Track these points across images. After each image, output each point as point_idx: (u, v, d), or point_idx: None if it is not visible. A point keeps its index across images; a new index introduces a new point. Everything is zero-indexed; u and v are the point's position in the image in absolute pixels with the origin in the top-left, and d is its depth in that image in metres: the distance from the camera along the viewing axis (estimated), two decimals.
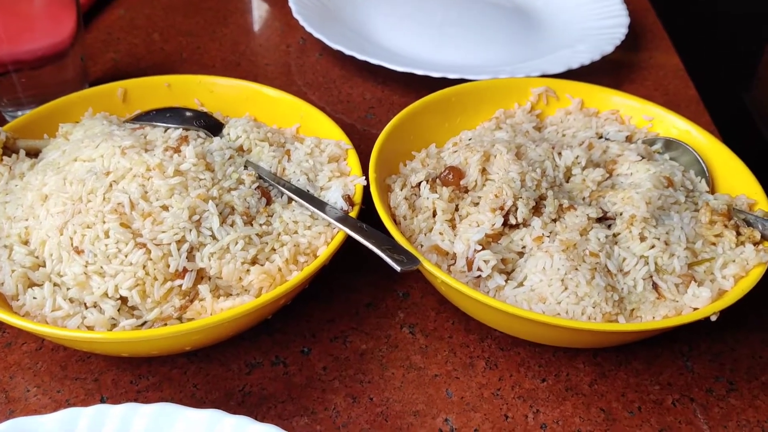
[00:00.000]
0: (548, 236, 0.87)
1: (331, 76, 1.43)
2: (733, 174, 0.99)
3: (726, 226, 0.89)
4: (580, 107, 1.15)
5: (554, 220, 0.89)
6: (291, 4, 1.48)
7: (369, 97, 1.37)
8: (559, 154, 0.98)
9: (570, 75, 1.27)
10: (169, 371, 0.87)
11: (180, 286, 0.80)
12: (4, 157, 0.94)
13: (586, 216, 0.89)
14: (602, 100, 1.15)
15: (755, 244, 0.88)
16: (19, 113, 1.20)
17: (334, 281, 0.97)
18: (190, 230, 0.81)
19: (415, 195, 0.96)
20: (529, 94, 1.16)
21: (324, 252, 0.84)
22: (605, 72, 1.44)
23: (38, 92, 1.18)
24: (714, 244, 0.87)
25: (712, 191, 1.00)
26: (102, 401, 0.83)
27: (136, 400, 0.83)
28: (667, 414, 0.85)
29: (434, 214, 0.93)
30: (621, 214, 0.90)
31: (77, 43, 1.19)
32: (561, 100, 1.17)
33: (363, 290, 0.98)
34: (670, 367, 0.90)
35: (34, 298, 0.80)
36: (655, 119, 1.10)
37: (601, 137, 1.10)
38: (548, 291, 0.82)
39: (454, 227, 0.92)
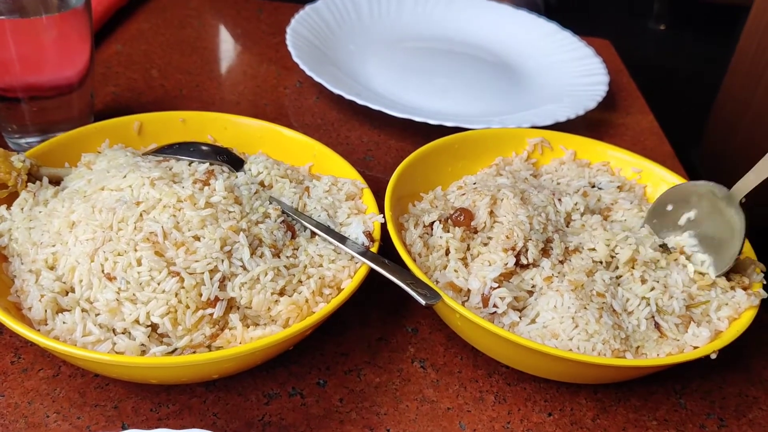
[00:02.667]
0: (557, 276, 0.92)
1: (329, 119, 1.48)
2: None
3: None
4: (573, 158, 1.22)
5: (561, 262, 0.95)
6: (290, 48, 1.53)
7: (367, 140, 1.42)
8: (559, 200, 1.04)
9: (556, 128, 1.35)
10: (188, 400, 0.88)
11: (211, 314, 0.82)
12: (28, 184, 0.95)
13: (591, 259, 0.95)
14: (594, 152, 1.23)
15: (744, 288, 0.95)
16: (23, 141, 1.21)
17: (346, 316, 1.00)
18: (222, 261, 0.83)
19: (428, 234, 1.00)
20: (525, 143, 1.23)
21: (348, 285, 0.87)
22: (587, 128, 1.53)
23: (46, 121, 1.19)
24: (709, 287, 0.94)
25: None
26: (123, 429, 0.84)
27: (157, 428, 0.84)
28: None
29: (447, 252, 0.98)
30: (616, 256, 0.96)
31: (89, 76, 1.21)
32: (555, 150, 1.24)
33: (374, 325, 1.01)
34: (665, 404, 0.96)
35: (64, 323, 0.80)
36: (644, 171, 1.18)
37: (593, 186, 1.17)
38: (560, 328, 0.87)
39: (466, 265, 0.97)
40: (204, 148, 1.04)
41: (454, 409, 0.91)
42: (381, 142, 1.42)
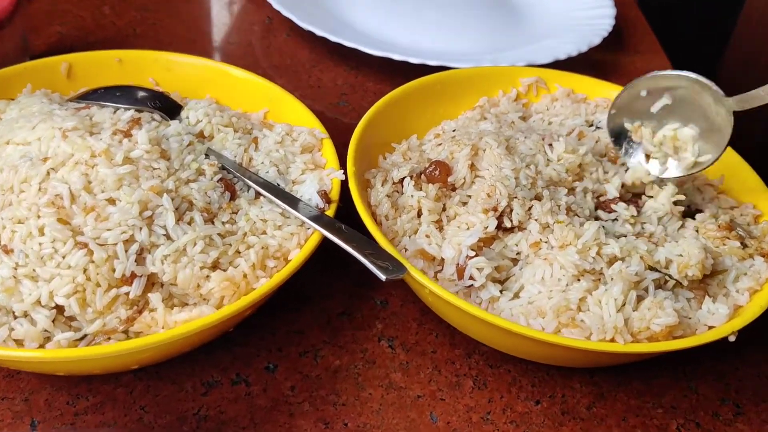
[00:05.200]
0: (546, 241, 0.78)
1: (300, 59, 1.31)
2: (740, 181, 0.92)
3: (728, 238, 0.81)
4: (567, 93, 1.06)
5: (550, 225, 0.80)
6: None
7: (341, 83, 1.26)
8: (550, 145, 0.89)
9: (555, 67, 1.18)
10: (112, 390, 0.75)
11: (127, 294, 0.68)
12: None
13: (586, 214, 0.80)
14: (597, 92, 1.06)
15: (763, 255, 0.81)
16: None
17: (302, 287, 0.87)
18: (141, 228, 0.69)
19: (398, 192, 0.86)
20: (515, 83, 1.07)
21: (297, 256, 0.73)
22: (590, 68, 1.35)
23: None
24: (719, 255, 0.79)
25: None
26: (32, 426, 0.71)
27: (73, 425, 0.72)
28: None
29: (419, 214, 0.83)
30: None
31: (17, 12, 1.06)
32: (551, 91, 1.08)
33: (335, 297, 0.88)
34: (673, 388, 0.82)
35: None
36: None
37: (591, 125, 1.01)
38: (548, 305, 0.72)
39: (441, 229, 0.82)
40: (136, 92, 0.89)
41: (425, 397, 0.78)
42: (357, 84, 1.26)
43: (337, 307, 0.87)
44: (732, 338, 0.71)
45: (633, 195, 0.87)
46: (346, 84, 1.26)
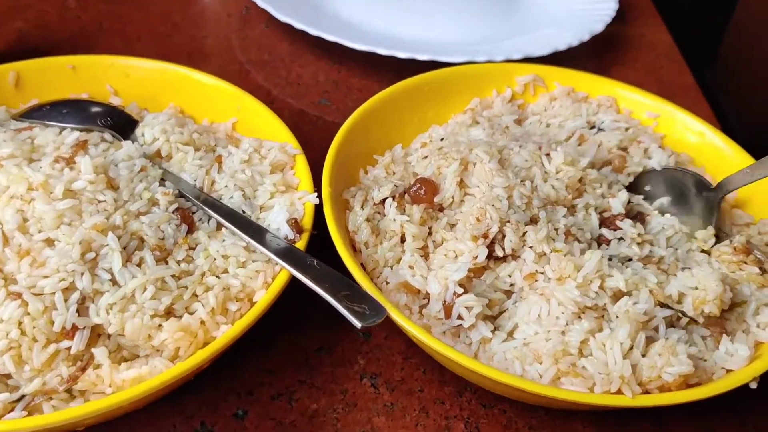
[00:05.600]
0: (542, 272, 0.69)
1: (279, 53, 1.22)
2: (758, 192, 0.83)
3: (746, 262, 0.73)
4: (567, 92, 0.97)
5: (545, 254, 0.71)
6: None
7: (323, 79, 1.17)
8: (548, 155, 0.80)
9: (555, 58, 1.09)
10: None
11: (68, 348, 0.60)
12: None
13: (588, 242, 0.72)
14: (600, 90, 0.97)
15: None
16: None
17: (275, 317, 0.78)
18: (82, 274, 0.61)
19: (380, 214, 0.77)
20: (510, 82, 0.98)
21: (263, 298, 0.65)
22: (590, 54, 1.27)
23: None
24: (736, 283, 0.71)
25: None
26: None
27: None
28: None
29: (403, 240, 0.75)
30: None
31: None
32: (549, 89, 0.99)
33: (312, 331, 0.79)
34: (685, 426, 0.75)
35: None
36: (662, 117, 0.93)
37: (593, 128, 0.92)
38: (545, 348, 0.64)
39: (427, 256, 0.74)
40: (86, 108, 0.80)
41: None
42: (340, 81, 1.17)
43: (314, 341, 0.79)
44: (753, 385, 0.63)
45: (638, 213, 0.79)
46: (329, 80, 1.17)
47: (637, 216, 0.79)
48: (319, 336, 0.79)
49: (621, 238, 0.75)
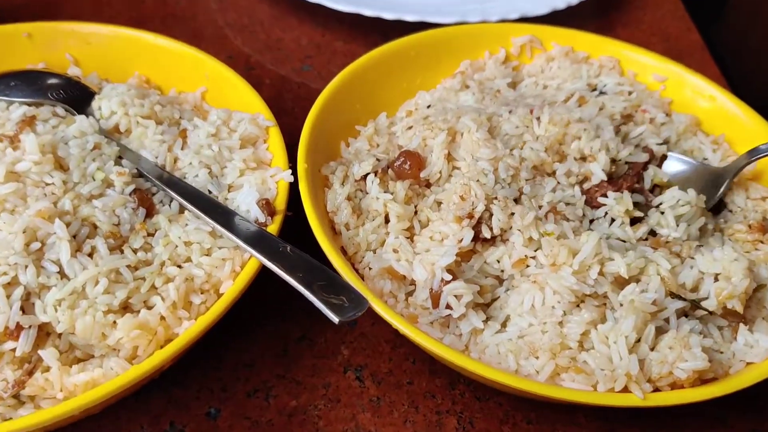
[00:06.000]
0: (534, 257, 0.62)
1: (259, 16, 1.14)
2: None
3: (762, 241, 0.66)
4: (565, 52, 0.89)
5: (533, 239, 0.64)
6: None
7: (305, 43, 1.09)
8: (538, 119, 0.73)
9: (553, 18, 1.01)
10: None
11: (13, 350, 0.54)
12: None
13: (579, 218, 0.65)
14: (601, 50, 0.90)
15: None
16: None
17: (252, 306, 0.72)
18: (26, 267, 0.55)
19: (362, 192, 0.70)
20: (505, 42, 0.90)
21: (230, 290, 0.59)
22: (591, 13, 1.18)
23: None
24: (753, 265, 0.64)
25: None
26: None
27: None
28: None
29: (387, 220, 0.68)
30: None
31: None
32: (547, 50, 0.91)
33: (293, 318, 0.73)
34: (698, 418, 0.69)
35: None
36: (670, 80, 0.86)
37: (594, 89, 0.85)
38: (541, 341, 0.58)
39: (412, 237, 0.67)
40: (39, 79, 0.72)
41: None
42: (324, 45, 1.09)
43: (294, 331, 0.73)
44: None
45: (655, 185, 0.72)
46: (311, 44, 1.09)
47: (653, 190, 0.72)
48: (299, 325, 0.73)
49: (613, 220, 0.68)
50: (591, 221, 0.67)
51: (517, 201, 0.65)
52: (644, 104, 0.82)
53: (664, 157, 0.74)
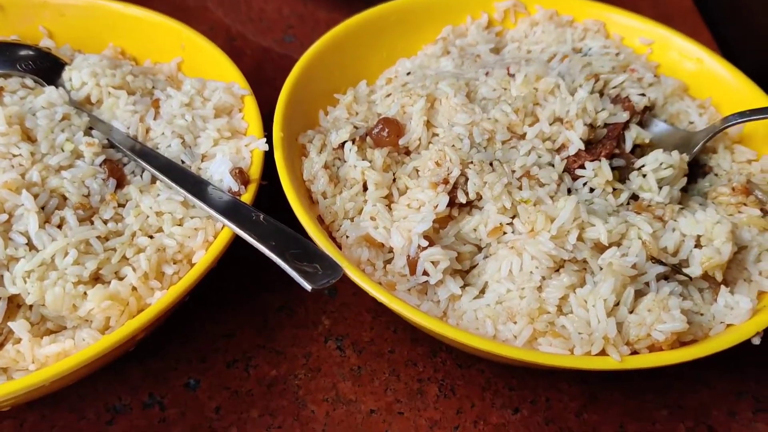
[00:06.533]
0: (510, 224, 0.61)
1: None
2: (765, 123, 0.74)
3: (745, 204, 0.65)
4: (549, 16, 0.87)
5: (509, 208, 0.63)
6: None
7: (287, 12, 1.08)
8: (513, 76, 0.72)
9: None
10: None
11: None
12: None
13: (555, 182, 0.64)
14: (585, 14, 0.88)
15: None
16: None
17: (230, 277, 0.72)
18: None
19: (339, 160, 0.69)
20: (489, 7, 0.89)
21: (202, 259, 0.58)
22: None
23: None
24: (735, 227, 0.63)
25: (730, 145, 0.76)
26: None
27: None
28: None
29: (365, 189, 0.67)
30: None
31: None
32: (531, 14, 0.89)
33: (273, 288, 0.73)
34: (679, 381, 0.69)
35: None
36: (657, 43, 0.84)
37: (579, 52, 0.84)
38: (519, 306, 0.57)
39: (391, 205, 0.67)
40: (7, 50, 0.71)
41: (380, 412, 0.65)
42: (306, 14, 1.07)
43: (274, 301, 0.72)
44: (756, 341, 0.56)
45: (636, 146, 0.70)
46: (293, 14, 1.07)
47: (634, 150, 0.70)
48: (280, 294, 0.72)
49: (592, 189, 0.67)
50: (569, 191, 0.65)
51: (492, 165, 0.64)
52: (633, 64, 0.81)
53: (646, 110, 0.71)
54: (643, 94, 0.71)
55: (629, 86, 0.72)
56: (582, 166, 0.65)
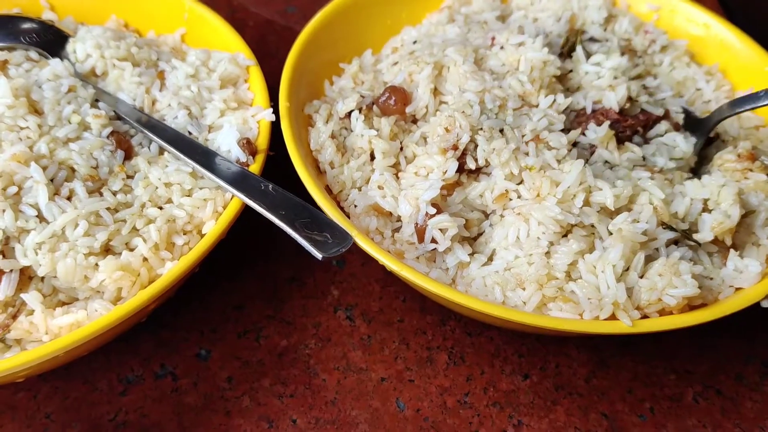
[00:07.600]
0: (515, 190, 0.61)
1: None
2: None
3: (751, 170, 0.65)
4: None
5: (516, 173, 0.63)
6: None
7: None
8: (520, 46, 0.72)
9: None
10: (11, 396, 0.63)
11: None
12: None
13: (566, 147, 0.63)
14: None
15: None
16: None
17: (241, 248, 0.72)
18: (3, 211, 0.54)
19: (346, 129, 0.69)
20: None
21: (212, 230, 0.58)
22: None
23: None
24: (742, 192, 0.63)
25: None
26: None
27: None
28: (688, 415, 0.64)
29: (372, 158, 0.67)
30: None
31: None
32: None
33: (282, 259, 0.73)
34: (687, 346, 0.69)
35: None
36: (663, 9, 0.83)
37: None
38: (527, 273, 0.57)
39: (399, 174, 0.66)
40: (10, 23, 0.70)
41: (391, 380, 0.65)
42: None
43: (283, 272, 0.72)
44: (766, 304, 0.56)
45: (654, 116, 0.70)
46: None
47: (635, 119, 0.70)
48: (289, 265, 0.73)
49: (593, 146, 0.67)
50: (575, 144, 0.65)
51: (502, 132, 0.64)
52: (646, 26, 0.80)
53: (675, 125, 0.71)
54: (682, 111, 0.71)
55: (670, 101, 0.73)
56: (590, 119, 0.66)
